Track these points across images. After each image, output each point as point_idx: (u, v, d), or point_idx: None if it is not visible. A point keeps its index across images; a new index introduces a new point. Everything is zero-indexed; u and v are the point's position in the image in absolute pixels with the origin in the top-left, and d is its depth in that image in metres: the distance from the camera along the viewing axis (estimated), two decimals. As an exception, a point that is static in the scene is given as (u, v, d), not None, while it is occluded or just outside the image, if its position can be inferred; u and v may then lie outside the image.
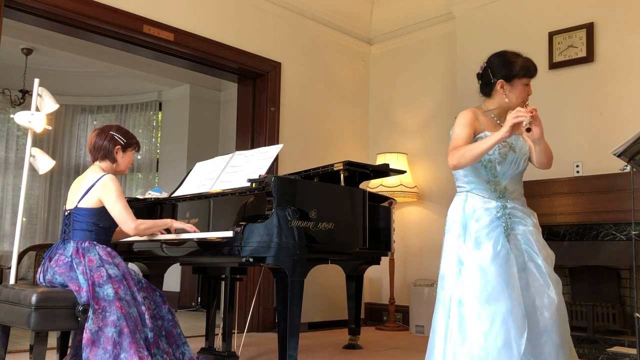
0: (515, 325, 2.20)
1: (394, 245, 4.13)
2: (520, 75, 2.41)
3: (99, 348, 2.52)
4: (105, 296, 2.61)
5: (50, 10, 3.90)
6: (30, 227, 7.93)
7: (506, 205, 2.40)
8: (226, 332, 3.35)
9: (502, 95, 2.43)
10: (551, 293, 2.31)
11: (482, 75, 2.51)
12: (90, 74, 7.39)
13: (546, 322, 2.28)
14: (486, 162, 2.40)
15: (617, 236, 3.80)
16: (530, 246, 2.38)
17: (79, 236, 2.77)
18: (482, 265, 2.29)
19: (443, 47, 5.45)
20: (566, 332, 2.34)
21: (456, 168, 2.38)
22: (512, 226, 2.38)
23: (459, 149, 2.33)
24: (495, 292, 2.25)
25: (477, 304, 2.26)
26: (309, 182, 3.25)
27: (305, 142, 5.33)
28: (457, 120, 2.44)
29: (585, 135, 4.22)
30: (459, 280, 2.34)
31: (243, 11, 4.99)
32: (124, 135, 2.98)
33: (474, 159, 2.31)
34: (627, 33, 4.14)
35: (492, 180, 2.42)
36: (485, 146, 2.28)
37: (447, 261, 2.42)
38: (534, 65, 2.45)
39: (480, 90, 2.54)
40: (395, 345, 4.37)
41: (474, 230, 2.36)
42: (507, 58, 2.44)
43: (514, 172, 2.44)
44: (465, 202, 2.44)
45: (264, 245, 2.76)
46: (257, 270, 4.72)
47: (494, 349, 2.19)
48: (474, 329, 2.24)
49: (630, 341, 3.68)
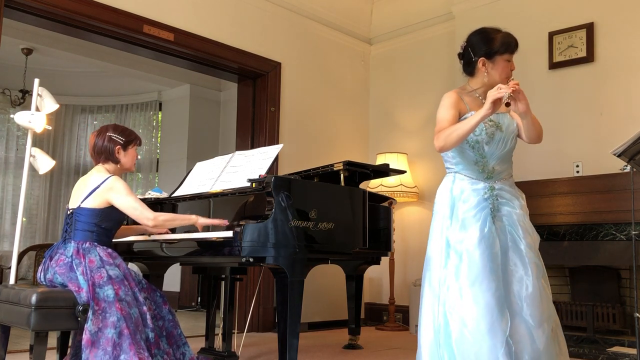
0: (498, 308, 2.22)
1: (394, 245, 4.13)
2: (501, 52, 2.39)
3: (98, 349, 2.51)
4: (105, 297, 2.60)
5: (50, 10, 3.90)
6: (30, 227, 7.93)
7: (494, 187, 2.40)
8: (226, 332, 3.35)
9: (484, 73, 2.42)
10: (528, 278, 2.31)
11: (463, 54, 2.50)
12: (90, 74, 7.39)
13: (520, 305, 2.29)
14: (473, 142, 2.38)
15: (617, 236, 3.80)
16: (515, 228, 2.37)
17: (80, 236, 2.77)
18: (468, 248, 2.29)
19: (443, 47, 5.44)
20: (545, 314, 2.32)
21: (443, 150, 2.37)
22: (499, 207, 2.38)
23: (445, 131, 2.32)
24: (480, 275, 2.25)
25: (462, 287, 2.27)
26: (309, 182, 3.25)
27: (305, 142, 5.33)
28: (441, 102, 2.43)
29: (585, 135, 4.22)
30: (448, 263, 2.34)
31: (243, 11, 4.99)
32: (121, 134, 2.95)
33: (460, 139, 2.30)
34: (627, 33, 4.14)
35: (480, 161, 2.41)
36: (469, 125, 2.27)
37: (434, 242, 2.42)
38: (515, 40, 2.42)
39: (462, 69, 2.53)
40: (395, 345, 4.37)
41: (461, 212, 2.36)
42: (487, 35, 2.42)
43: (501, 151, 2.42)
44: (453, 184, 2.44)
45: (263, 245, 2.76)
46: (257, 270, 4.72)
47: (479, 332, 2.21)
48: (460, 312, 2.25)
49: (630, 341, 3.68)
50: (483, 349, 2.19)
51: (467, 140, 2.37)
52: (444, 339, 2.29)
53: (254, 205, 3.01)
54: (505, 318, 2.23)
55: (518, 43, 2.44)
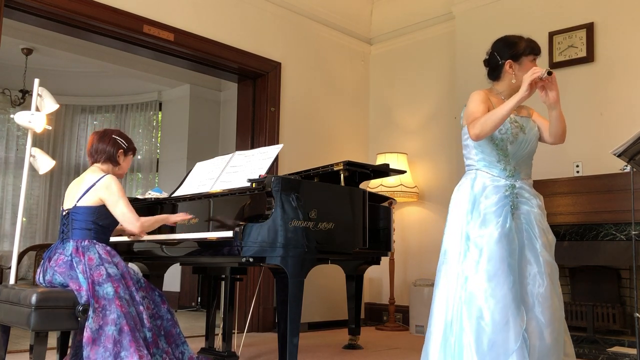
0: (513, 303, 2.27)
1: (394, 245, 4.13)
2: (527, 53, 2.48)
3: (99, 346, 2.52)
4: (105, 295, 2.61)
5: (50, 10, 3.90)
6: (30, 227, 7.93)
7: (515, 185, 2.45)
8: (226, 332, 3.35)
9: (511, 75, 2.49)
10: (542, 277, 2.36)
11: (489, 60, 2.58)
12: (90, 74, 7.38)
13: (533, 301, 2.34)
14: (498, 140, 2.45)
15: (617, 236, 3.80)
16: (531, 227, 2.43)
17: (78, 235, 2.77)
18: (489, 243, 2.34)
19: (443, 47, 5.44)
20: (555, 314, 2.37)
21: (479, 137, 2.39)
22: (518, 205, 2.43)
23: (480, 118, 2.37)
24: (499, 270, 2.30)
25: (481, 281, 2.31)
26: (309, 182, 3.25)
27: (305, 142, 5.33)
28: (471, 98, 2.49)
29: (585, 135, 4.22)
30: (467, 257, 2.38)
31: (243, 11, 4.99)
32: (125, 139, 3.03)
33: (496, 125, 2.35)
34: (627, 33, 4.14)
35: (502, 160, 2.46)
36: (505, 109, 2.32)
37: (451, 236, 2.46)
38: (537, 44, 2.53)
39: (488, 75, 2.60)
40: (395, 345, 4.37)
41: (482, 208, 2.40)
42: (511, 39, 2.52)
43: (523, 152, 2.49)
44: (474, 180, 2.48)
45: (263, 245, 2.76)
46: (257, 270, 4.72)
47: (495, 325, 2.25)
48: (477, 306, 2.29)
49: (630, 341, 3.68)
50: (498, 342, 2.23)
51: (492, 137, 2.43)
52: (458, 330, 2.31)
53: (254, 205, 3.00)
54: (522, 313, 2.28)
55: (540, 48, 2.54)
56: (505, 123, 2.42)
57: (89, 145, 2.98)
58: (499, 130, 2.41)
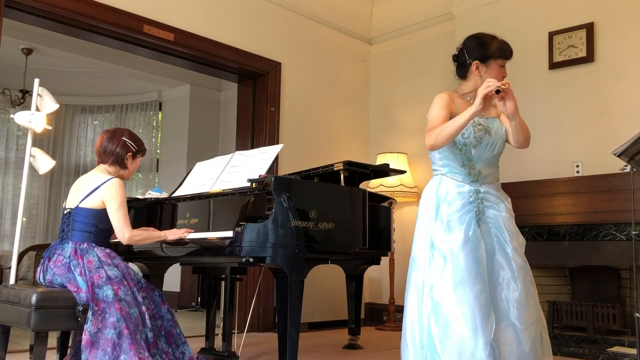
0: (480, 312, 2.22)
1: (394, 245, 4.13)
2: (496, 56, 2.42)
3: (98, 350, 2.51)
4: (104, 297, 2.60)
5: (50, 10, 3.90)
6: (30, 227, 7.93)
7: (479, 190, 2.40)
8: (226, 332, 3.35)
9: (477, 77, 2.44)
10: (516, 282, 2.32)
11: (457, 56, 2.53)
12: (90, 74, 7.39)
13: (508, 307, 2.29)
14: (461, 145, 2.40)
15: (617, 236, 3.80)
16: (501, 232, 2.38)
17: (77, 237, 2.76)
18: (453, 250, 2.30)
19: (443, 47, 5.44)
20: (532, 317, 2.33)
21: (433, 148, 2.37)
22: (484, 210, 2.39)
23: (435, 129, 2.33)
24: (465, 278, 2.25)
25: (446, 289, 2.27)
26: (309, 182, 3.25)
27: (305, 142, 5.33)
28: (433, 102, 2.44)
29: (585, 135, 4.22)
30: (432, 264, 2.34)
31: (243, 11, 4.99)
32: (135, 142, 2.98)
33: (450, 136, 2.30)
34: (627, 33, 4.14)
35: (467, 164, 2.42)
36: (459, 122, 2.27)
37: (419, 243, 2.44)
38: (510, 48, 2.45)
39: (456, 72, 2.55)
40: (395, 345, 4.34)
41: (445, 214, 2.37)
42: (483, 39, 2.46)
43: (489, 155, 2.44)
44: (439, 185, 2.45)
45: (263, 245, 2.76)
46: (257, 270, 4.72)
47: (461, 334, 2.21)
48: (444, 314, 2.25)
49: (630, 341, 3.68)
50: (466, 351, 2.19)
51: (455, 143, 2.39)
52: (427, 339, 2.28)
53: (254, 205, 3.00)
54: (490, 321, 2.23)
55: (512, 51, 2.47)
56: (468, 127, 2.36)
57: (98, 144, 2.96)
58: (462, 134, 2.36)
